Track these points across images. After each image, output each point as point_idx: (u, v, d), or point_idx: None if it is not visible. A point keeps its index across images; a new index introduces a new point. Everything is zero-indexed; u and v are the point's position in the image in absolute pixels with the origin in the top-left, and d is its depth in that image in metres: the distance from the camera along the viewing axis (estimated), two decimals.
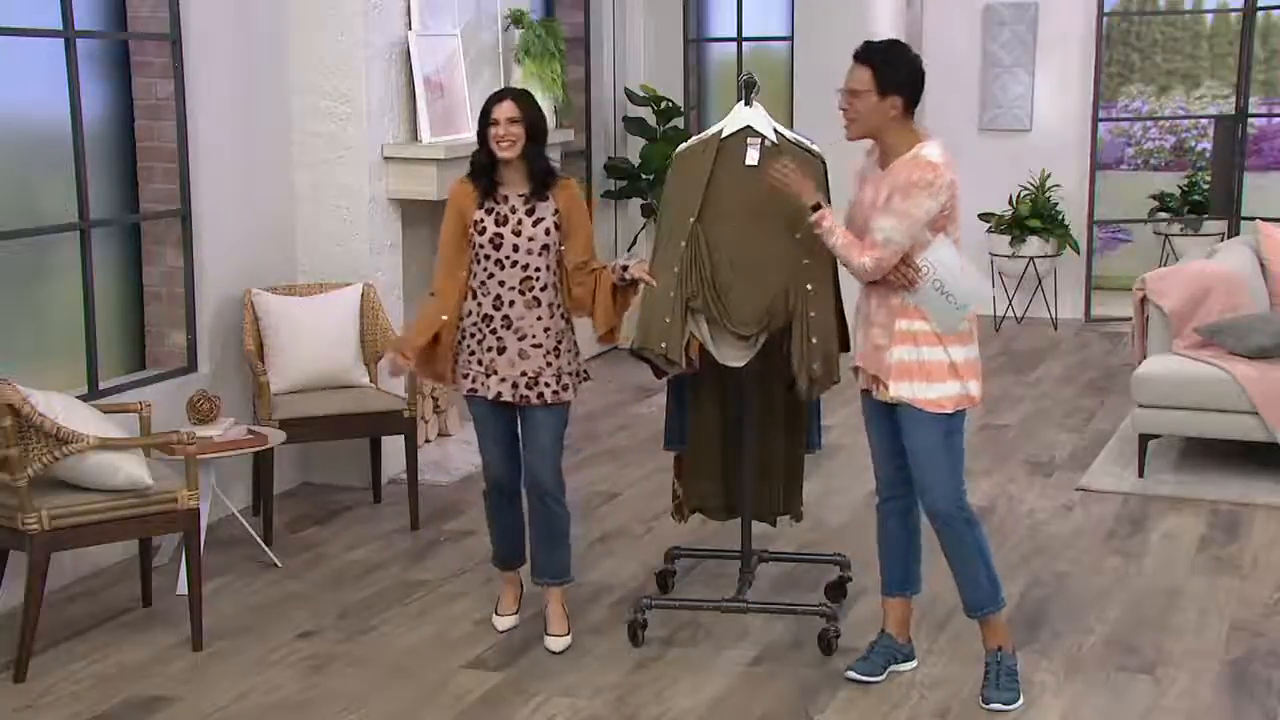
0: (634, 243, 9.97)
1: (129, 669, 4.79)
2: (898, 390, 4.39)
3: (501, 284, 4.77)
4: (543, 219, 4.76)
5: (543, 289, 4.79)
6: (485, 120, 4.73)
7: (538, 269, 4.77)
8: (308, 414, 6.05)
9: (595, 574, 5.59)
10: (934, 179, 4.28)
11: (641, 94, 9.88)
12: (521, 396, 4.79)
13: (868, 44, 4.41)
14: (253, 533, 5.82)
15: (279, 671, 4.78)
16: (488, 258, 4.77)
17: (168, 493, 4.87)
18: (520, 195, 4.77)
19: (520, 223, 4.75)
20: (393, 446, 6.53)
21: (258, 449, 5.71)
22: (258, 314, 6.24)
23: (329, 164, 6.65)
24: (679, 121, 9.94)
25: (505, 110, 4.70)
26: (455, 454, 7.26)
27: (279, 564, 5.75)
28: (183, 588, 5.22)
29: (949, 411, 4.40)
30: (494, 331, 4.79)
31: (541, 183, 4.77)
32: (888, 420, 4.52)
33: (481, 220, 4.76)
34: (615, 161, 9.86)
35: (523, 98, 4.77)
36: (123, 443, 4.84)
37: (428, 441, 7.32)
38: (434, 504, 6.46)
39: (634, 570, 5.68)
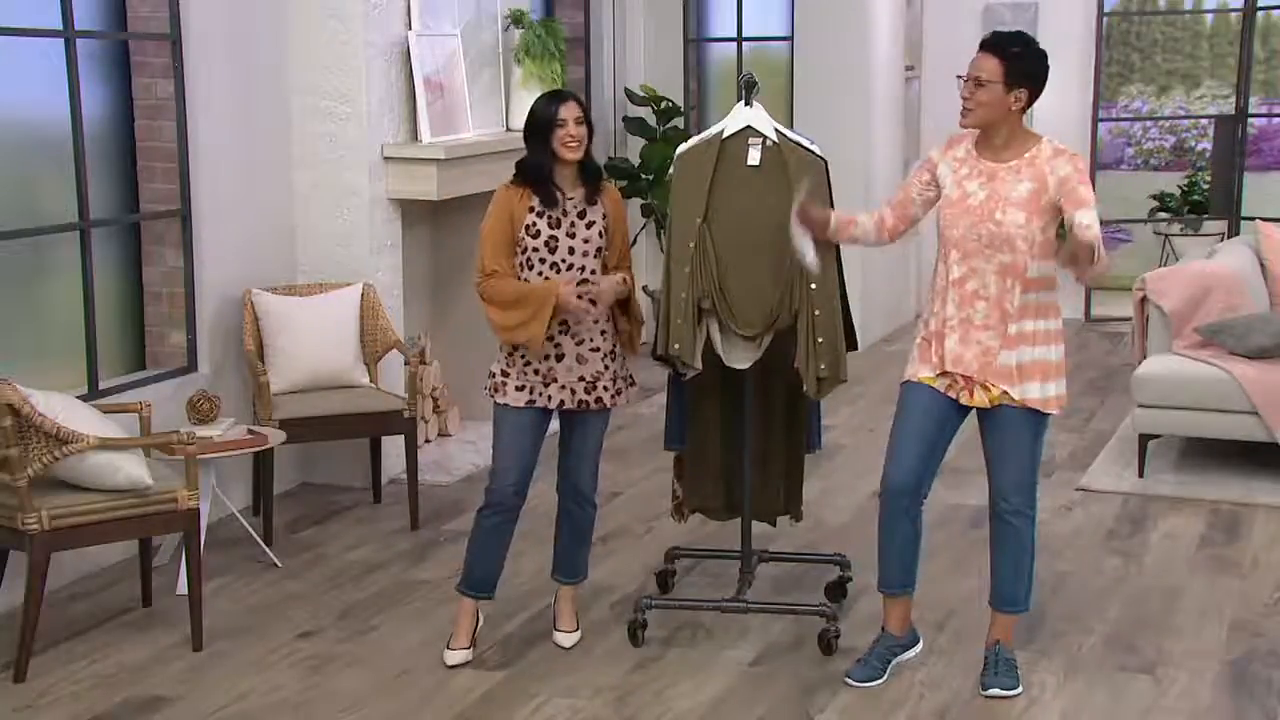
0: (633, 243, 9.95)
1: (129, 669, 4.79)
2: (1024, 392, 4.36)
3: None
4: (594, 222, 4.69)
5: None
6: (549, 122, 4.58)
7: (592, 271, 4.69)
8: (308, 414, 6.05)
9: (595, 574, 5.56)
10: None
11: (641, 94, 9.86)
12: (580, 402, 4.72)
13: (997, 34, 4.39)
14: (253, 533, 5.82)
15: (279, 671, 4.78)
16: (543, 261, 4.65)
17: (168, 493, 4.87)
18: (570, 198, 4.68)
19: (573, 225, 4.66)
20: (393, 446, 6.54)
21: (258, 449, 5.71)
22: (258, 314, 6.24)
23: (329, 164, 6.64)
24: (679, 121, 9.92)
25: (573, 110, 4.59)
26: (455, 454, 7.26)
27: (279, 564, 5.75)
28: (183, 588, 5.22)
29: (1053, 411, 4.42)
30: (550, 338, 4.67)
31: (595, 185, 4.73)
32: (957, 420, 4.49)
33: (534, 224, 4.64)
34: (615, 161, 9.84)
35: (578, 98, 4.68)
36: (123, 443, 4.84)
37: (428, 441, 7.32)
38: (434, 504, 6.46)
39: (634, 570, 5.68)
